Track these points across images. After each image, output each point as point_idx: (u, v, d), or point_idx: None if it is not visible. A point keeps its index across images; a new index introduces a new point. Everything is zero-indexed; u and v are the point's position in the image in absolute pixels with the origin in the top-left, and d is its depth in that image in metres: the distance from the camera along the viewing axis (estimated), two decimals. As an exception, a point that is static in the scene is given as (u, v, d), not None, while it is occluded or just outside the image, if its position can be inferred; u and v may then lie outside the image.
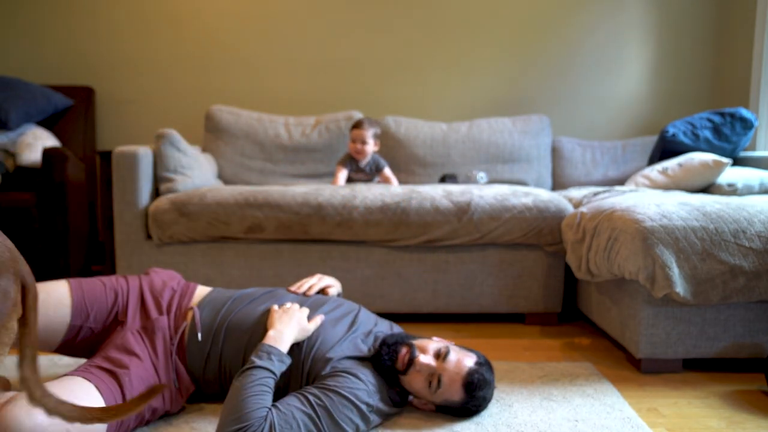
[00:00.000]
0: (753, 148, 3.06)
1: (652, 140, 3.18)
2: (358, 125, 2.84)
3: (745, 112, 2.66)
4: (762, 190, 2.41)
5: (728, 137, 2.69)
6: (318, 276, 1.82)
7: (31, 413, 1.19)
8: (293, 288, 1.74)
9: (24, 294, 1.06)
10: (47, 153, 2.77)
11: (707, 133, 2.69)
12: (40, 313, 1.48)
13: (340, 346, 1.53)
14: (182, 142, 2.60)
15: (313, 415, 1.35)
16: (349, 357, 1.51)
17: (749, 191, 2.40)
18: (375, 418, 1.47)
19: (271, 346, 1.44)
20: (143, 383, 1.43)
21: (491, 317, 2.58)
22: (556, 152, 3.23)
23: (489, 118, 3.24)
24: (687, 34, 3.42)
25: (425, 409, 1.59)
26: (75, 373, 1.37)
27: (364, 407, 1.42)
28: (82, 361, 1.91)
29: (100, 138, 3.49)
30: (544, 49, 3.44)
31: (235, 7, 3.42)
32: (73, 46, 3.43)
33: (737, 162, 2.85)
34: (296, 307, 1.58)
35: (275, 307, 1.57)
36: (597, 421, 1.57)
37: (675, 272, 1.80)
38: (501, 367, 1.95)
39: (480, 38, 3.44)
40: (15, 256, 1.06)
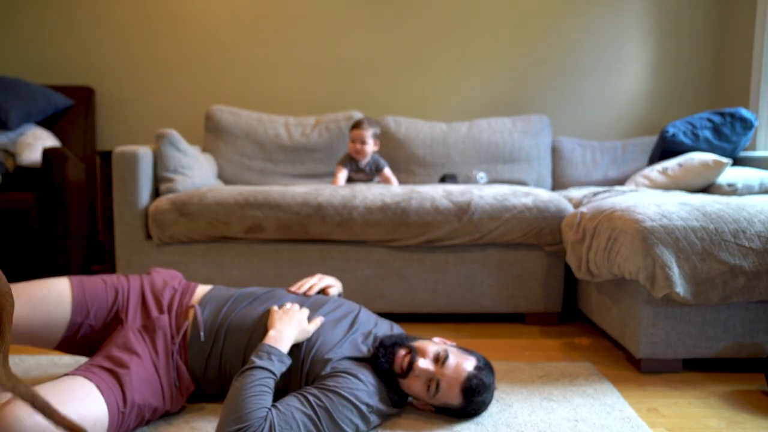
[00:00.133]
0: (753, 148, 3.06)
1: (652, 140, 3.18)
2: (357, 125, 2.84)
3: (745, 112, 2.66)
4: (762, 190, 2.41)
5: (728, 137, 2.69)
6: (318, 276, 1.82)
7: (31, 413, 1.19)
8: (293, 288, 1.74)
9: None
10: (47, 153, 2.77)
11: (707, 133, 2.69)
12: (41, 309, 1.50)
13: (339, 347, 1.53)
14: (182, 142, 2.60)
15: (313, 415, 1.35)
16: (348, 358, 1.51)
17: (749, 191, 2.40)
18: (375, 418, 1.47)
19: (272, 347, 1.44)
20: (144, 382, 1.43)
21: (491, 317, 2.58)
22: (556, 152, 3.23)
23: (489, 118, 3.24)
24: (687, 34, 3.42)
25: (425, 409, 1.59)
26: (76, 372, 1.37)
27: (364, 408, 1.42)
28: (81, 360, 1.92)
29: (100, 138, 3.50)
30: (544, 50, 3.44)
31: (235, 7, 3.42)
32: (74, 46, 3.43)
33: (737, 162, 2.85)
34: (296, 307, 1.58)
35: (275, 308, 1.57)
36: (597, 421, 1.57)
37: (675, 272, 1.80)
38: (501, 367, 1.95)
39: (480, 38, 3.44)
40: None
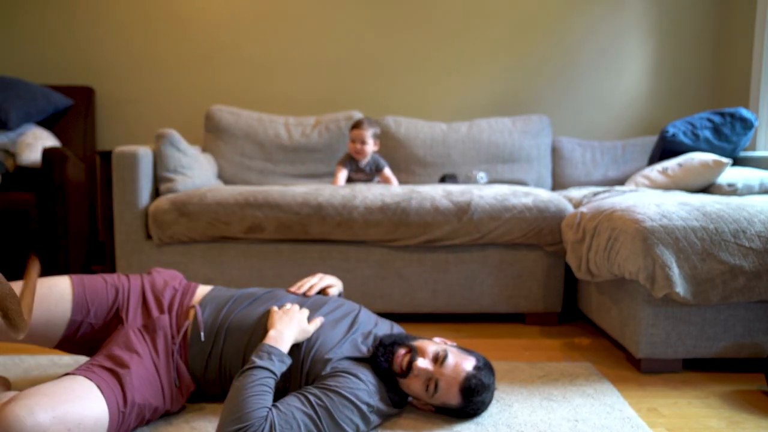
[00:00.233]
0: (753, 148, 3.06)
1: (652, 140, 3.18)
2: (357, 125, 2.84)
3: (745, 112, 2.66)
4: (762, 190, 2.41)
5: (728, 137, 2.69)
6: (319, 275, 1.82)
7: (32, 412, 1.19)
8: (294, 288, 1.74)
9: None
10: (47, 153, 2.77)
11: (707, 133, 2.69)
12: (41, 308, 1.50)
13: (339, 347, 1.53)
14: (182, 142, 2.60)
15: (314, 415, 1.35)
16: (348, 357, 1.51)
17: (749, 191, 2.40)
18: (375, 418, 1.47)
19: (272, 347, 1.44)
20: (144, 382, 1.43)
21: (491, 317, 2.58)
22: (556, 152, 3.23)
23: (489, 118, 3.24)
24: (687, 34, 3.42)
25: (425, 409, 1.59)
26: (77, 372, 1.37)
27: (364, 407, 1.42)
28: (82, 360, 1.92)
29: (100, 138, 3.49)
30: (544, 49, 3.44)
31: (235, 7, 3.42)
32: (74, 46, 3.43)
33: (737, 162, 2.85)
34: (296, 308, 1.58)
35: (275, 308, 1.57)
36: (597, 421, 1.57)
37: (675, 272, 1.80)
38: (501, 367, 1.94)
39: (480, 38, 3.44)
40: None
